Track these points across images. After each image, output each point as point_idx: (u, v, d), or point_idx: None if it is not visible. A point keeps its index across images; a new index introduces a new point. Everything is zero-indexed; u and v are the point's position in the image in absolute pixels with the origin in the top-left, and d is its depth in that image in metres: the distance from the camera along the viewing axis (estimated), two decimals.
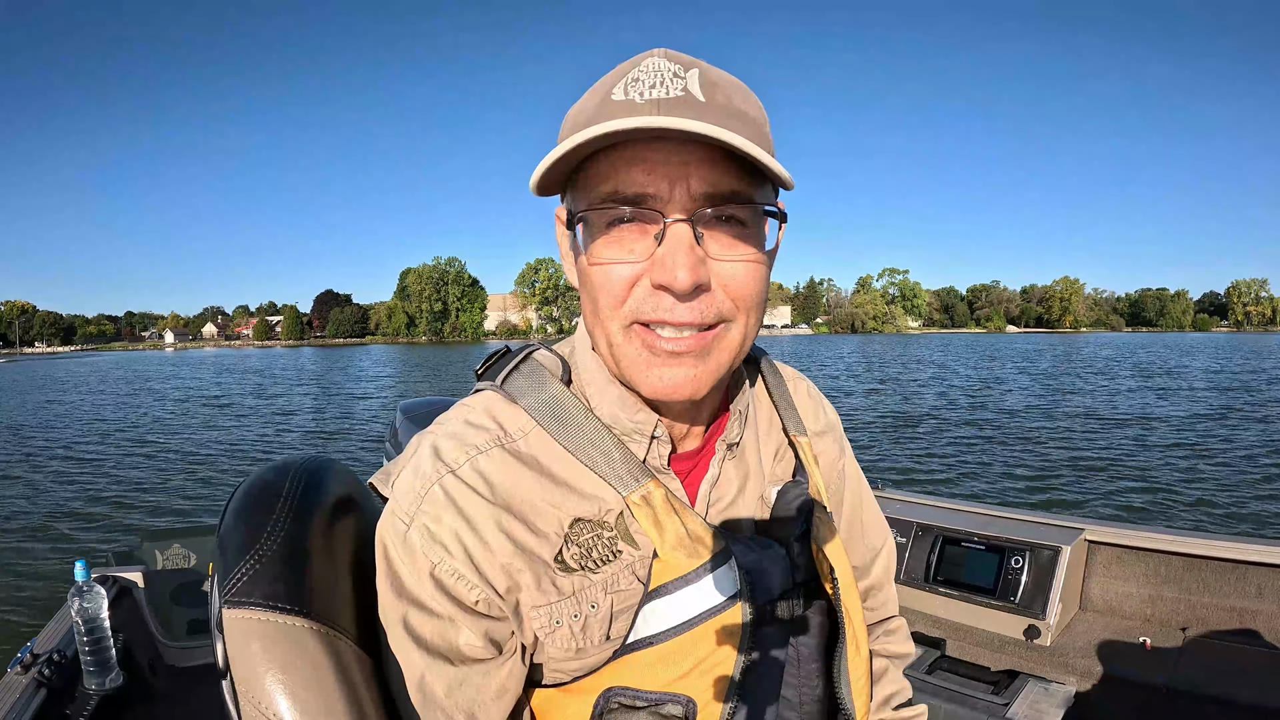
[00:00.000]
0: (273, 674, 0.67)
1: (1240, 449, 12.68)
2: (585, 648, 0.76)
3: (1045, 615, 2.16)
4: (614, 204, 0.69)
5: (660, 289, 0.70)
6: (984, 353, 55.44)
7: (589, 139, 0.65)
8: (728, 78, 0.72)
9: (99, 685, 1.95)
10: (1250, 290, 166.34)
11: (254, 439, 16.34)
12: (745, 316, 0.74)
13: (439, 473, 0.75)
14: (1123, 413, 17.96)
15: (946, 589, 2.37)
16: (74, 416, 21.68)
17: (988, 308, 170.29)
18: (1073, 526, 2.38)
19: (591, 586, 0.76)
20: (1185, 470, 10.98)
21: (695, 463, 0.86)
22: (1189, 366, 36.36)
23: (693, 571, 0.77)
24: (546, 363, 0.86)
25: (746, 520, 0.86)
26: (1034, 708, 1.90)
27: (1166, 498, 9.32)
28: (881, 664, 1.08)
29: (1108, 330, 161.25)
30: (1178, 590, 2.21)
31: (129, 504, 10.00)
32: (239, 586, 0.71)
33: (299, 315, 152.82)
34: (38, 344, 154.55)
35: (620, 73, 0.71)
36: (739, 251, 0.71)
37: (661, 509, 0.78)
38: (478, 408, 0.82)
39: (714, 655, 0.77)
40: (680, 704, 0.76)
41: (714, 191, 0.69)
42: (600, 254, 0.71)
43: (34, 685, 1.81)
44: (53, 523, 8.95)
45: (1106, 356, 46.73)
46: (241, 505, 0.79)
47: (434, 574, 0.73)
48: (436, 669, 0.73)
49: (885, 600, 1.13)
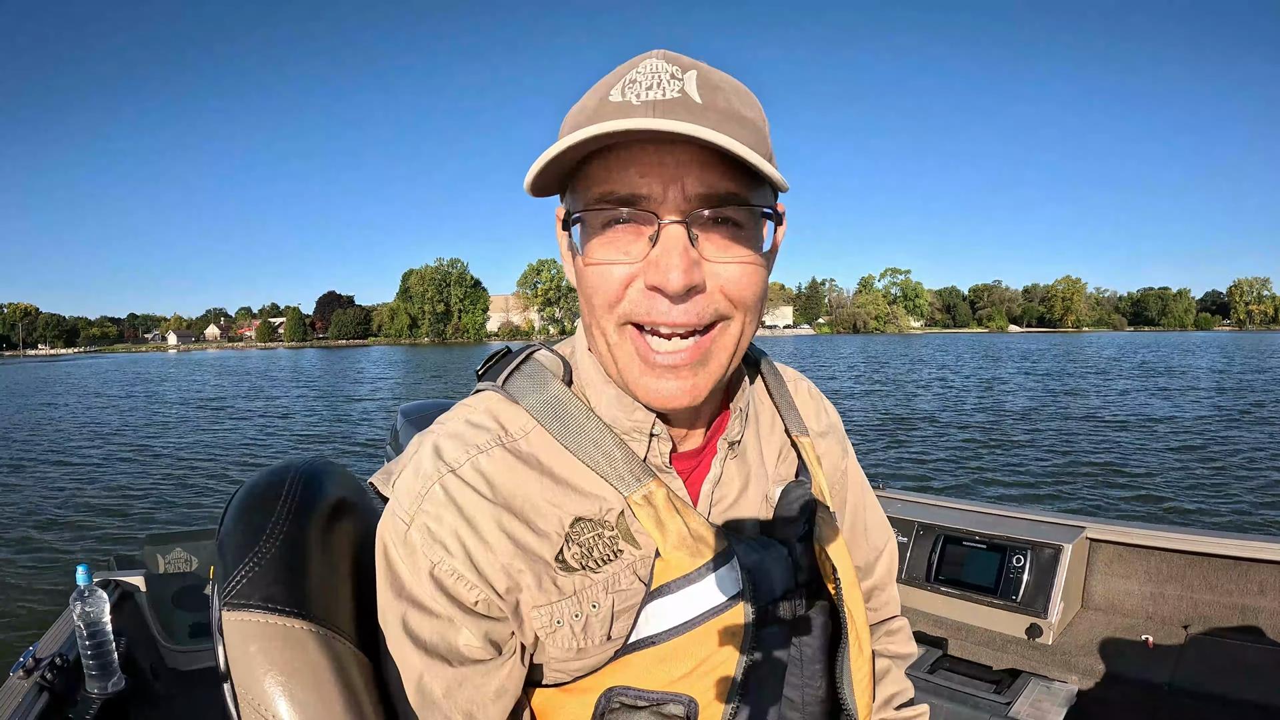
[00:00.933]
0: (272, 676, 0.68)
1: (1242, 447, 12.65)
2: (586, 647, 0.76)
3: (1047, 614, 2.15)
4: (609, 205, 0.69)
5: (654, 290, 0.70)
6: (986, 353, 55.36)
7: (581, 140, 0.65)
8: (727, 80, 0.72)
9: (101, 689, 1.94)
10: (1253, 289, 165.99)
11: (256, 442, 16.34)
12: (742, 316, 0.74)
13: (440, 472, 0.75)
14: (1124, 412, 17.92)
15: (948, 588, 2.36)
16: (75, 420, 21.68)
17: (990, 307, 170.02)
18: (1074, 525, 2.37)
19: (593, 586, 0.76)
20: (1187, 468, 10.95)
21: (697, 462, 0.85)
22: (1191, 366, 36.28)
23: (695, 571, 0.77)
24: (548, 363, 0.86)
25: (749, 520, 0.86)
26: (1036, 707, 1.90)
27: (1169, 494, 9.29)
28: (884, 664, 1.09)
29: (1110, 329, 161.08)
30: (1180, 588, 2.20)
31: (131, 507, 9.99)
32: (238, 589, 0.71)
33: (302, 317, 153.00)
34: (41, 346, 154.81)
35: (619, 74, 0.71)
36: (734, 253, 0.71)
37: (663, 508, 0.78)
38: (479, 408, 0.82)
39: (716, 655, 0.77)
40: (682, 704, 0.76)
41: (709, 193, 0.68)
42: (596, 254, 0.71)
43: (36, 690, 1.81)
44: (55, 528, 8.94)
45: (1109, 356, 46.62)
46: (241, 508, 0.80)
47: (433, 574, 0.73)
48: (435, 670, 0.73)
49: (887, 600, 1.13)
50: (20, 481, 12.05)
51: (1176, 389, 23.76)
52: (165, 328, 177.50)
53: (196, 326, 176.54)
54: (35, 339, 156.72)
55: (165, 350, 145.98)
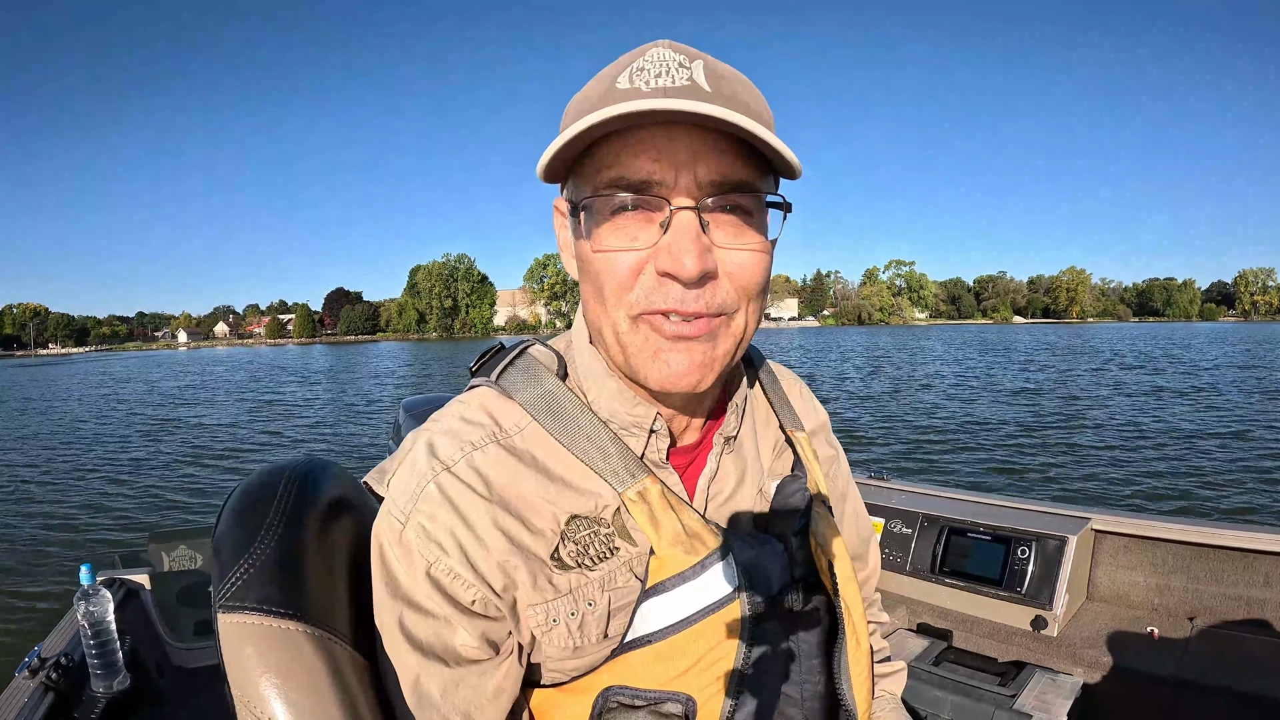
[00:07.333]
0: (267, 678, 0.67)
1: (1248, 438, 12.57)
2: (583, 646, 0.76)
3: (1052, 606, 2.14)
4: (620, 190, 0.68)
5: (666, 277, 0.69)
6: (990, 344, 55.13)
7: (603, 120, 0.64)
8: (732, 71, 0.72)
9: (106, 688, 1.94)
10: (1258, 279, 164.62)
11: (261, 437, 16.38)
12: (748, 305, 0.74)
13: (434, 470, 0.75)
14: (1129, 404, 17.85)
15: (953, 580, 2.36)
16: (79, 419, 21.78)
17: (994, 299, 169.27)
18: (1079, 516, 2.35)
19: (588, 584, 0.76)
20: (1193, 460, 10.89)
21: (693, 457, 0.85)
22: (1197, 357, 36.07)
23: (690, 569, 0.77)
24: (542, 358, 0.86)
25: (745, 515, 0.86)
26: (1041, 699, 1.89)
27: (1173, 487, 9.25)
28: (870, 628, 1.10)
29: (1115, 320, 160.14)
30: (1185, 579, 2.19)
31: (136, 505, 10.04)
32: (233, 591, 0.71)
33: (310, 313, 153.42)
34: (51, 345, 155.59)
35: (624, 62, 0.70)
36: (745, 240, 0.71)
37: (658, 505, 0.78)
38: (473, 404, 0.82)
39: (713, 652, 0.76)
40: (680, 702, 0.76)
41: (721, 180, 0.68)
42: (604, 241, 0.70)
43: (42, 690, 1.81)
44: (60, 527, 8.98)
45: (1113, 347, 46.39)
46: (236, 509, 0.79)
47: (430, 573, 0.73)
48: (432, 670, 0.73)
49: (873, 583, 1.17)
50: (27, 481, 12.10)
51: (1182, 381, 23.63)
52: (174, 326, 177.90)
53: (205, 324, 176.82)
54: (45, 338, 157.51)
55: (175, 348, 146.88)
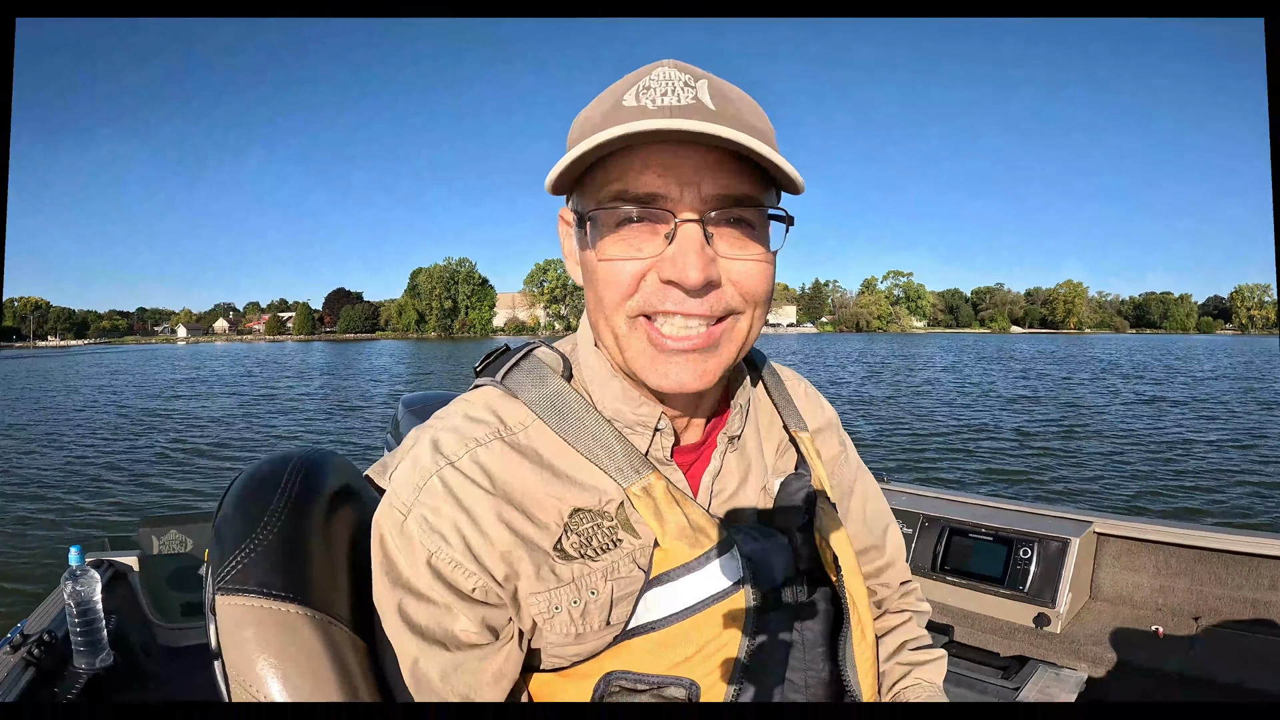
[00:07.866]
0: (265, 658, 0.68)
1: (1249, 447, 12.62)
2: (585, 633, 0.77)
3: (1055, 604, 2.14)
4: (625, 203, 0.71)
5: (669, 284, 0.71)
6: (989, 352, 55.33)
7: (613, 138, 0.66)
8: (736, 90, 0.74)
9: (89, 665, 1.94)
10: (1254, 295, 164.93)
11: (259, 431, 16.37)
12: (752, 310, 0.77)
13: (438, 465, 0.76)
14: (1129, 412, 17.91)
15: (954, 577, 2.35)
16: (79, 407, 21.78)
17: (992, 309, 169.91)
18: (1081, 519, 2.36)
19: (591, 574, 0.77)
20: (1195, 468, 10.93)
21: (697, 456, 0.87)
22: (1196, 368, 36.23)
23: (695, 560, 0.79)
24: (547, 359, 0.87)
25: (749, 511, 0.88)
26: (1044, 692, 1.88)
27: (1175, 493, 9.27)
28: (905, 616, 1.11)
29: (1112, 332, 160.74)
30: (1189, 582, 2.19)
31: (129, 491, 10.08)
32: (234, 574, 0.72)
33: (310, 312, 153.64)
34: (51, 338, 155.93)
35: (630, 81, 0.73)
36: (748, 251, 0.74)
37: (663, 500, 0.79)
38: (477, 402, 0.83)
39: (718, 639, 0.78)
40: (683, 686, 0.77)
41: (724, 195, 0.71)
42: (609, 251, 0.73)
43: (22, 665, 1.82)
44: (52, 510, 9.02)
45: (1111, 358, 46.59)
46: (239, 495, 0.80)
47: (430, 562, 0.74)
48: (431, 655, 0.74)
49: (900, 571, 1.15)
50: (23, 466, 12.14)
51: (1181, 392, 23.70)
52: (174, 321, 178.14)
53: (205, 320, 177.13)
54: (46, 331, 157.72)
55: (174, 343, 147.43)
